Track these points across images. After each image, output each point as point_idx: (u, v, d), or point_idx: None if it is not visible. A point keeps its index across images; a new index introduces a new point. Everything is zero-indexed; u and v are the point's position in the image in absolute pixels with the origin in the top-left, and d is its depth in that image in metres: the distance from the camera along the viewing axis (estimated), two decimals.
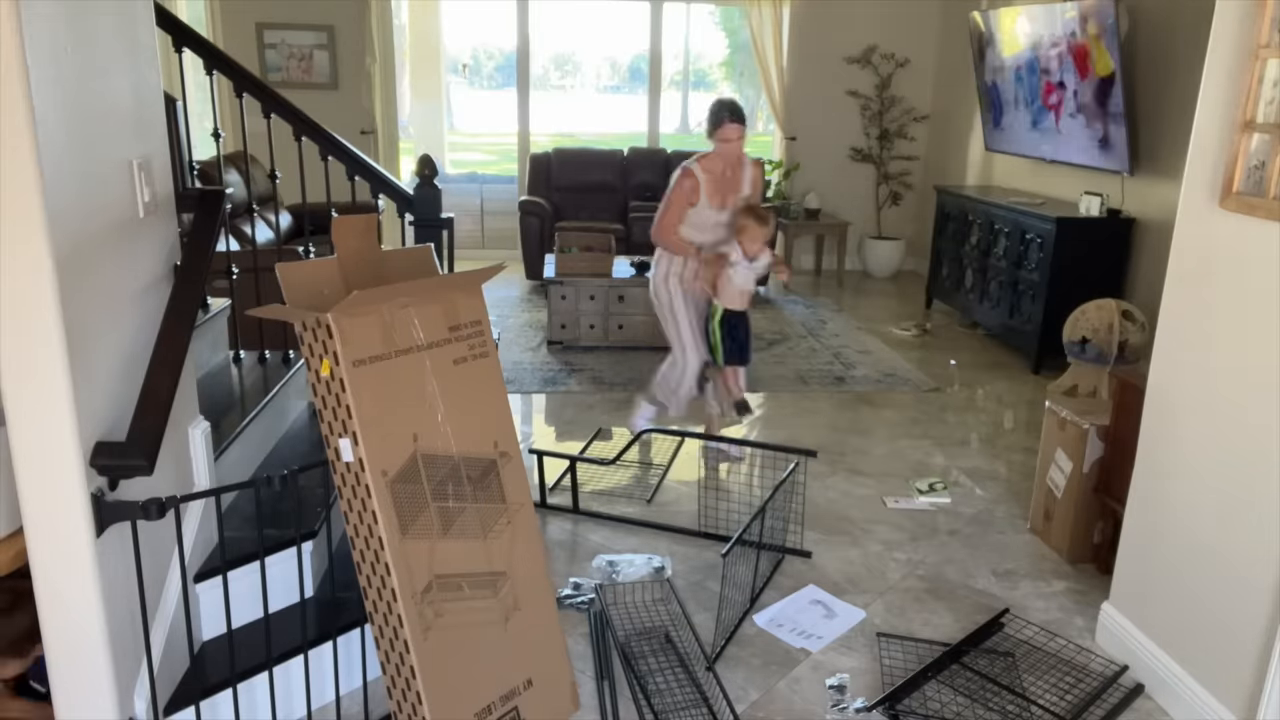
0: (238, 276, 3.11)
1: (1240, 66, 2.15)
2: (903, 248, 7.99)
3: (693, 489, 3.64)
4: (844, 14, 7.64)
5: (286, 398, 3.11)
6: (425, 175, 3.25)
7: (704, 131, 3.75)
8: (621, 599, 2.87)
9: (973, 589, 3.01)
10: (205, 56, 2.94)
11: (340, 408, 1.91)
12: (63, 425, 1.69)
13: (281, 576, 2.31)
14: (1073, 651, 2.67)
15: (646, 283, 5.57)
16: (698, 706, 2.37)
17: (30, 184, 1.58)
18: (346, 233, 2.09)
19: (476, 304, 2.20)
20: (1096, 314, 4.29)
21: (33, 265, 1.61)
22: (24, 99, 1.55)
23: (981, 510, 3.60)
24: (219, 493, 1.98)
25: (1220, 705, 2.23)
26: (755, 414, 3.69)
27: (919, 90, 7.85)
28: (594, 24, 12.04)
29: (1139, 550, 2.57)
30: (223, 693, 2.13)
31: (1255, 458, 2.13)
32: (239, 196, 5.13)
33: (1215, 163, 2.25)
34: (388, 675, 2.01)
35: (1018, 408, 4.81)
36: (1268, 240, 2.09)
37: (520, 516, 2.22)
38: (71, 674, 1.82)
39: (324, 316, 1.88)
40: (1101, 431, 3.05)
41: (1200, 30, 2.43)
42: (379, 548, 1.93)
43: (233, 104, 3.13)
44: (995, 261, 5.80)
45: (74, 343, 1.69)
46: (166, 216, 2.24)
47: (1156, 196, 4.98)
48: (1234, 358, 2.20)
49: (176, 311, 2.06)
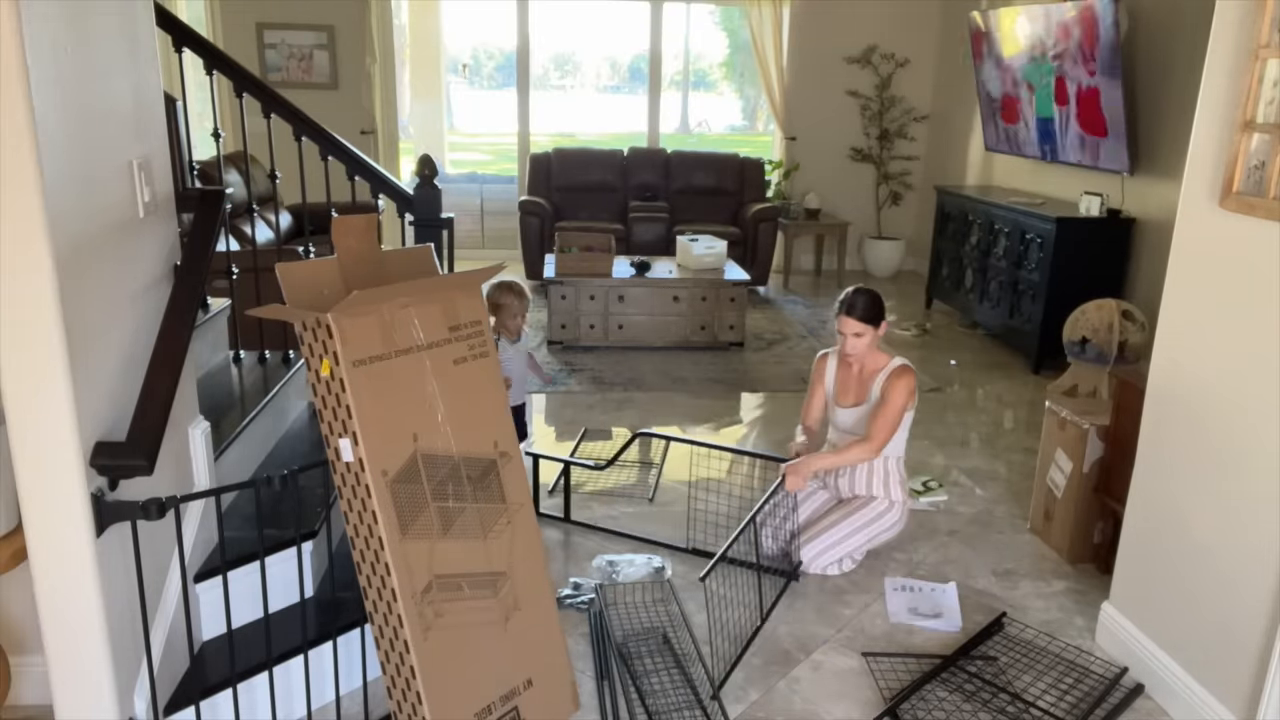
0: (238, 276, 3.11)
1: (1240, 66, 2.15)
2: (903, 248, 7.99)
3: (692, 489, 3.64)
4: (844, 14, 7.64)
5: (286, 398, 3.11)
6: (425, 175, 3.25)
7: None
8: (621, 599, 2.87)
9: (973, 589, 3.01)
10: (205, 56, 2.94)
11: (340, 408, 1.91)
12: (63, 425, 1.69)
13: (281, 576, 2.31)
14: (1073, 653, 2.67)
15: (646, 283, 5.62)
16: (691, 708, 2.36)
17: (30, 184, 1.58)
18: (346, 233, 2.09)
19: (476, 304, 2.20)
20: (1096, 314, 4.29)
21: (33, 265, 1.61)
22: (24, 99, 1.55)
23: (981, 510, 3.60)
24: (219, 493, 1.98)
25: (1220, 705, 2.23)
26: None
27: (919, 90, 7.85)
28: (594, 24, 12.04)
29: (1139, 550, 2.57)
30: (223, 693, 2.13)
31: (1255, 458, 2.12)
32: (239, 196, 5.13)
33: (1215, 163, 2.25)
34: (388, 675, 2.01)
35: (1018, 408, 4.81)
36: (1268, 240, 2.09)
37: (520, 516, 2.22)
38: (71, 674, 1.82)
39: (324, 316, 1.88)
40: (1101, 431, 3.05)
41: (1200, 30, 2.43)
42: (379, 548, 1.93)
43: (233, 104, 3.13)
44: (995, 261, 5.80)
45: (74, 343, 1.69)
46: (166, 216, 2.24)
47: (1156, 196, 4.98)
48: (1234, 358, 2.20)
49: (176, 311, 2.06)
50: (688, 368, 5.31)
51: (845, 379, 3.22)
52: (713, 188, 7.55)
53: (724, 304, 5.62)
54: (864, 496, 3.15)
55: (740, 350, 5.68)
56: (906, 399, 3.03)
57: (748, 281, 5.70)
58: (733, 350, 5.67)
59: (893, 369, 3.10)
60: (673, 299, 5.60)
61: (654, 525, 3.38)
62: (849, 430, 3.20)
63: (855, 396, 3.18)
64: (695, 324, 5.64)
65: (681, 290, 5.60)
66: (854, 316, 3.05)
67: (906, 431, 3.15)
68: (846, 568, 3.08)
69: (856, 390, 3.18)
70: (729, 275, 5.70)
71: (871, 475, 3.14)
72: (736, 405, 4.81)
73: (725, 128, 12.93)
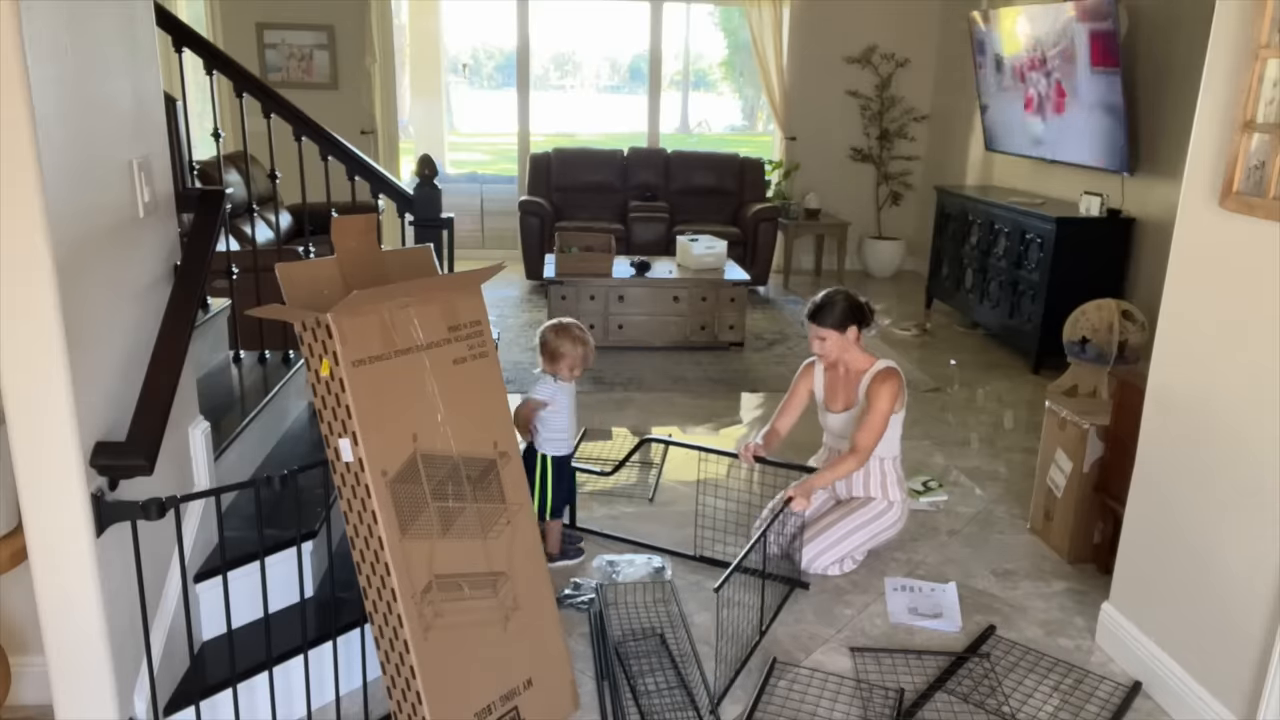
0: (238, 276, 3.11)
1: (1240, 66, 2.15)
2: (903, 248, 7.99)
3: (693, 489, 3.64)
4: (844, 14, 7.64)
5: (286, 398, 3.11)
6: (425, 175, 3.25)
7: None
8: (621, 599, 2.87)
9: (973, 589, 3.01)
10: (205, 56, 2.94)
11: (340, 408, 1.91)
12: (63, 425, 1.69)
13: (281, 576, 2.30)
14: (1081, 656, 2.67)
15: (646, 283, 5.62)
16: (684, 709, 2.36)
17: (30, 184, 1.58)
18: (346, 233, 2.09)
19: (476, 304, 2.20)
20: (1096, 314, 4.29)
21: (33, 265, 1.61)
22: (24, 99, 1.55)
23: (981, 510, 3.60)
24: (219, 493, 1.98)
25: (1220, 705, 2.23)
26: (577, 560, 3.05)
27: (919, 90, 7.85)
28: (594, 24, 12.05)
29: (1139, 550, 2.57)
30: (223, 693, 2.12)
31: (1255, 458, 2.12)
32: (239, 196, 5.13)
33: (1215, 163, 2.25)
34: (388, 675, 2.01)
35: (1018, 408, 4.81)
36: (1268, 240, 2.09)
37: (520, 516, 2.22)
38: (71, 674, 1.82)
39: (324, 316, 1.88)
40: (1101, 431, 3.05)
41: (1200, 30, 2.43)
42: (379, 548, 1.93)
43: (233, 104, 3.13)
44: (995, 261, 5.80)
45: (74, 343, 1.69)
46: (166, 216, 2.24)
47: (1156, 196, 4.98)
48: (1234, 357, 2.20)
49: (176, 311, 2.06)
50: (688, 368, 5.31)
51: (833, 383, 3.20)
52: (712, 188, 7.55)
53: (724, 304, 5.62)
54: (862, 497, 3.15)
55: (740, 350, 5.68)
56: (890, 404, 3.01)
57: (748, 281, 5.70)
58: (733, 350, 5.67)
59: (877, 372, 3.07)
60: (673, 299, 5.60)
61: (654, 526, 3.38)
62: (841, 434, 3.19)
63: (844, 400, 3.17)
64: (695, 324, 5.64)
65: (681, 290, 5.60)
66: (816, 321, 3.06)
67: (899, 431, 3.14)
68: (847, 568, 3.08)
69: (845, 394, 3.17)
70: (729, 275, 5.70)
71: (868, 478, 3.14)
72: (736, 405, 4.82)
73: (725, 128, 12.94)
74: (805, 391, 3.27)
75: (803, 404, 3.27)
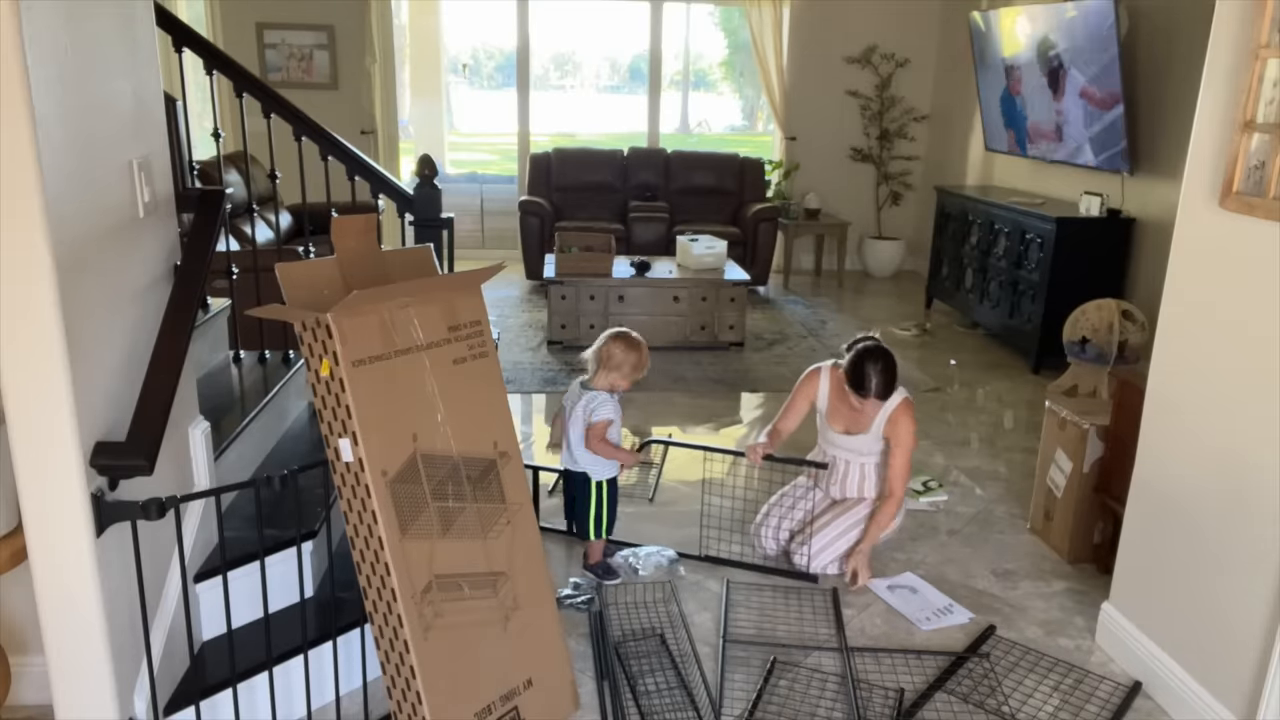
0: (238, 276, 3.11)
1: (1240, 66, 2.15)
2: (903, 248, 7.99)
3: (693, 489, 3.64)
4: (844, 14, 7.64)
5: (286, 398, 3.11)
6: (425, 175, 3.25)
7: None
8: (621, 599, 2.87)
9: (973, 589, 3.01)
10: (205, 56, 2.94)
11: (340, 408, 1.91)
12: (63, 425, 1.69)
13: (281, 576, 2.30)
14: (1081, 656, 2.67)
15: (646, 283, 5.61)
16: (684, 709, 2.36)
17: (30, 184, 1.58)
18: (346, 233, 2.09)
19: (476, 304, 2.20)
20: (1096, 314, 4.29)
21: (33, 265, 1.61)
22: (24, 99, 1.55)
23: (981, 510, 3.60)
24: (219, 493, 1.98)
25: (1220, 705, 2.23)
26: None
27: (919, 90, 7.85)
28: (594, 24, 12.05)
29: (1139, 550, 2.57)
30: (223, 693, 2.13)
31: (1255, 457, 2.12)
32: (239, 196, 5.13)
33: (1215, 163, 2.25)
34: (388, 675, 2.01)
35: (1018, 408, 4.81)
36: (1268, 240, 2.09)
37: (520, 516, 2.22)
38: (71, 674, 1.82)
39: (324, 316, 1.88)
40: (1101, 431, 3.05)
41: (1200, 30, 2.43)
42: (379, 548, 1.93)
43: (233, 104, 3.13)
44: (995, 261, 5.80)
45: (74, 343, 1.69)
46: (166, 216, 2.24)
47: (1156, 196, 4.98)
48: (1234, 358, 2.20)
49: (176, 311, 2.06)
50: (688, 368, 5.31)
51: (838, 403, 3.13)
52: (712, 188, 7.55)
53: (724, 304, 5.62)
54: (857, 498, 3.15)
55: (740, 350, 5.68)
56: (913, 438, 3.01)
57: (748, 281, 5.70)
58: (733, 350, 5.67)
59: (895, 407, 3.00)
60: (673, 299, 5.60)
61: (655, 525, 3.38)
62: (837, 445, 3.15)
63: (846, 425, 3.11)
64: (695, 324, 5.64)
65: (681, 290, 5.60)
66: (867, 396, 2.91)
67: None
68: (846, 566, 3.08)
69: (849, 419, 3.11)
70: (729, 275, 5.70)
71: (864, 480, 3.14)
72: (736, 405, 4.82)
73: (725, 128, 12.93)
74: (807, 403, 3.22)
75: (805, 411, 3.26)
